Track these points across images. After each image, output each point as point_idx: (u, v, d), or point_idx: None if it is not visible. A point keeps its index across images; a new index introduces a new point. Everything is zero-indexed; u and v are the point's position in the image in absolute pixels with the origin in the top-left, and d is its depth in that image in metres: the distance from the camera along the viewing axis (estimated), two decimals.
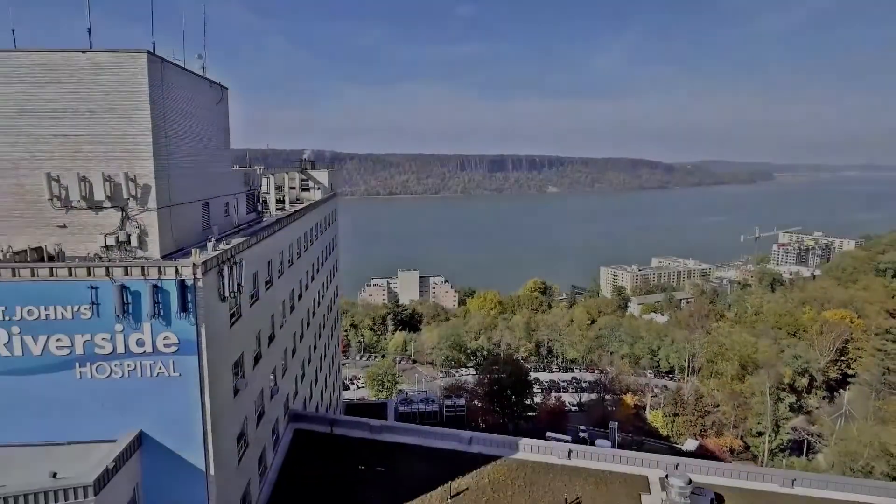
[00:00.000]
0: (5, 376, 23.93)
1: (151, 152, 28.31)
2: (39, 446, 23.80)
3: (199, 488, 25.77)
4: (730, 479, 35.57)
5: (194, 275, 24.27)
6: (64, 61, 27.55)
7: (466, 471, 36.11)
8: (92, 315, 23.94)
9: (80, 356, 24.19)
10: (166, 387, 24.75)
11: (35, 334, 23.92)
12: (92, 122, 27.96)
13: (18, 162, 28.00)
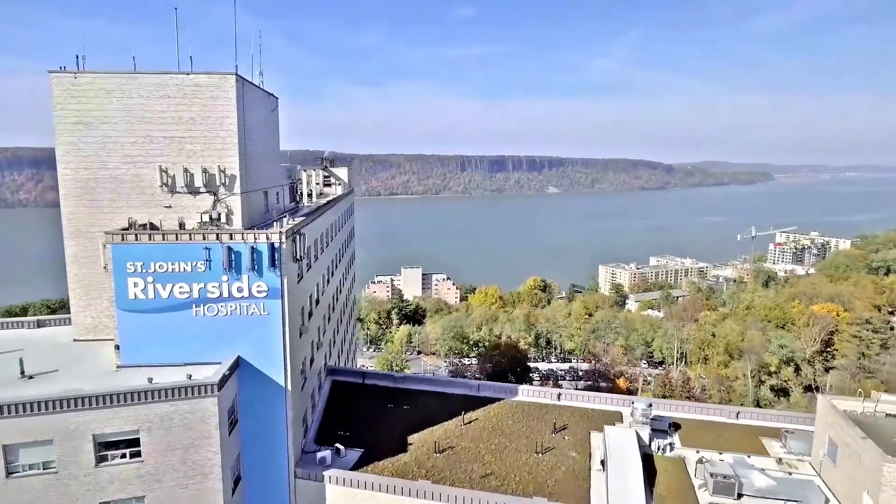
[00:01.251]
0: (143, 314, 32.70)
1: (237, 150, 37.18)
2: (166, 366, 32.46)
3: (280, 401, 34.54)
4: (687, 413, 44.29)
5: (280, 240, 33.05)
6: (172, 81, 36.39)
7: (476, 408, 44.74)
8: (205, 269, 32.70)
9: (195, 299, 32.96)
10: (258, 323, 33.52)
11: (164, 283, 32.69)
12: (192, 127, 36.80)
13: (137, 157, 36.88)
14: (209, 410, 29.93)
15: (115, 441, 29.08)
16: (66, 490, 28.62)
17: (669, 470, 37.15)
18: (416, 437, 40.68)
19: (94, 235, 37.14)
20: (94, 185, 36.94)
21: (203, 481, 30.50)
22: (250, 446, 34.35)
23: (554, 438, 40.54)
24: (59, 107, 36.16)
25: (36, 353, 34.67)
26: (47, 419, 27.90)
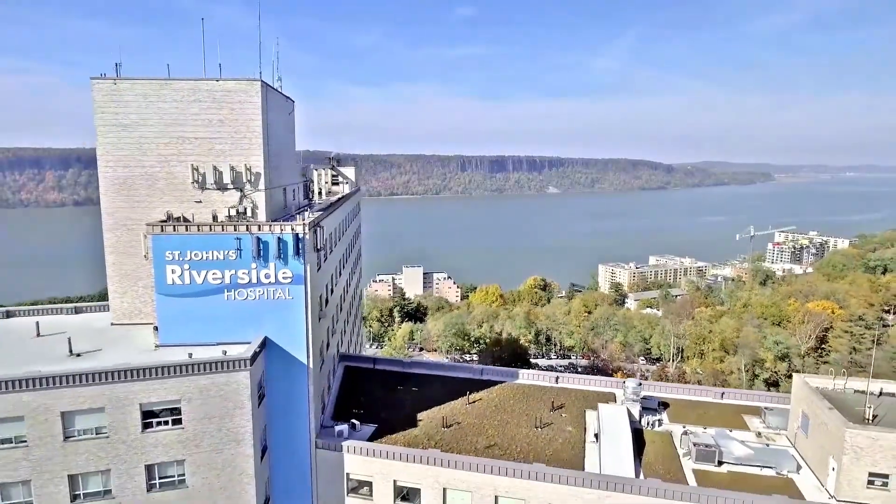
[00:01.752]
0: (179, 298, 36.13)
1: (261, 150, 40.69)
2: (201, 346, 35.87)
3: (302, 378, 37.98)
4: (675, 394, 47.69)
5: (304, 231, 36.50)
6: (204, 87, 39.87)
7: (479, 390, 48.11)
8: (236, 257, 36.14)
9: (227, 284, 36.40)
10: (283, 306, 36.96)
11: (198, 269, 36.13)
12: (221, 128, 40.30)
13: (170, 156, 40.38)
14: (242, 383, 33.38)
15: (159, 409, 32.52)
16: (115, 453, 32.08)
17: (657, 442, 40.58)
18: (425, 415, 44.13)
19: (131, 228, 40.68)
20: (132, 181, 40.46)
21: (236, 447, 33.96)
22: (276, 418, 37.81)
23: (552, 415, 43.98)
24: (100, 110, 39.65)
25: (78, 335, 38.01)
26: (100, 389, 31.35)
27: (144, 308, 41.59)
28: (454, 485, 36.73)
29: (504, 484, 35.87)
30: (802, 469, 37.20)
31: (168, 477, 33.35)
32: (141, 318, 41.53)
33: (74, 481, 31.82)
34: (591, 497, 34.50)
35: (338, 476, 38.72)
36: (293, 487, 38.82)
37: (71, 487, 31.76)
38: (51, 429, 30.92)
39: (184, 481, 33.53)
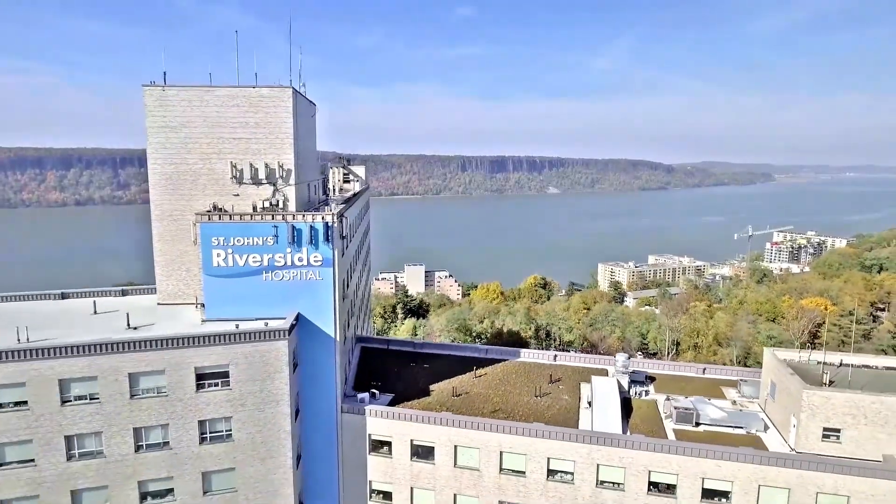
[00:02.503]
0: (223, 279, 41.25)
1: (292, 150, 45.84)
2: (242, 321, 40.94)
3: (330, 350, 43.09)
4: (662, 370, 52.80)
5: (333, 220, 41.63)
6: (241, 93, 45.02)
7: (485, 366, 53.21)
8: (274, 243, 41.26)
9: (265, 267, 41.52)
10: (314, 286, 42.07)
11: (240, 253, 41.26)
12: (257, 130, 45.43)
13: (211, 154, 45.52)
14: (281, 350, 38.53)
15: (211, 373, 37.67)
16: (173, 410, 37.23)
17: (643, 408, 45.71)
18: (436, 386, 49.27)
19: (176, 219, 45.85)
20: (177, 177, 45.64)
21: (276, 407, 39.10)
22: (306, 385, 42.93)
23: (550, 387, 49.12)
24: (150, 114, 44.82)
25: (131, 313, 43.07)
26: (161, 354, 36.51)
27: (187, 289, 46.72)
28: (464, 442, 41.85)
29: (508, 441, 40.99)
30: (770, 429, 42.30)
31: (217, 431, 38.52)
32: (184, 299, 46.64)
33: (138, 433, 37.00)
34: (584, 451, 39.63)
35: (361, 437, 43.85)
36: (321, 447, 43.96)
37: (135, 439, 36.95)
38: (120, 388, 36.08)
39: (230, 435, 38.70)
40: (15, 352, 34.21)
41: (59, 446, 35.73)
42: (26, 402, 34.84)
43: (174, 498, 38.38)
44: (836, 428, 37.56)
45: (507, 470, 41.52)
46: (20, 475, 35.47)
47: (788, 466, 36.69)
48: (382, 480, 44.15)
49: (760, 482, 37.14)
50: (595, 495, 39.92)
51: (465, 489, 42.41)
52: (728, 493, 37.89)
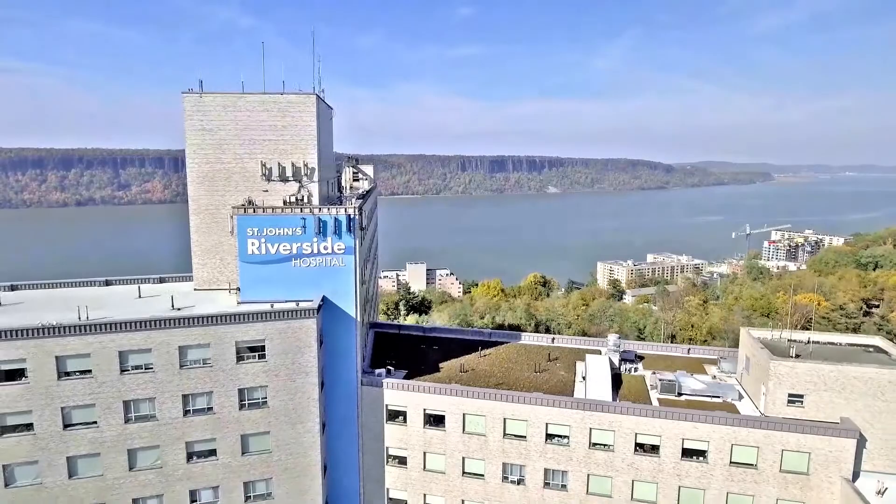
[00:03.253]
0: (257, 265, 46.29)
1: (315, 150, 50.94)
2: (273, 302, 45.97)
3: (351, 328, 48.17)
4: (651, 350, 57.92)
5: (355, 213, 46.71)
6: (270, 99, 50.10)
7: (489, 347, 58.31)
8: (302, 233, 46.32)
9: (294, 254, 46.57)
10: (337, 272, 47.14)
11: (272, 242, 46.31)
12: (284, 132, 50.52)
13: (243, 155, 50.62)
14: (310, 327, 43.61)
15: (249, 346, 42.75)
16: (217, 379, 42.32)
17: (632, 382, 50.82)
18: (445, 364, 54.39)
19: (211, 212, 50.94)
20: (212, 175, 50.74)
21: (305, 377, 44.18)
22: (330, 360, 47.99)
23: (548, 364, 54.24)
24: (188, 118, 49.91)
25: (173, 296, 48.09)
26: (206, 330, 41.61)
27: (220, 276, 51.84)
28: (471, 411, 46.93)
29: (510, 409, 46.08)
30: (744, 399, 47.41)
31: (254, 399, 43.62)
32: (218, 285, 51.77)
33: (186, 399, 42.09)
34: (577, 416, 44.72)
35: (378, 407, 48.93)
36: (343, 415, 49.02)
37: (184, 404, 42.06)
38: (171, 359, 41.17)
39: (266, 402, 43.79)
40: (81, 326, 39.31)
41: (118, 410, 40.82)
42: (90, 371, 39.93)
43: (216, 458, 43.48)
44: (799, 394, 42.63)
45: (510, 435, 46.60)
46: (84, 435, 40.56)
47: (757, 427, 41.80)
48: (398, 446, 49.25)
49: (733, 441, 42.23)
50: (588, 456, 45.02)
51: (473, 453, 47.51)
52: (705, 452, 42.99)
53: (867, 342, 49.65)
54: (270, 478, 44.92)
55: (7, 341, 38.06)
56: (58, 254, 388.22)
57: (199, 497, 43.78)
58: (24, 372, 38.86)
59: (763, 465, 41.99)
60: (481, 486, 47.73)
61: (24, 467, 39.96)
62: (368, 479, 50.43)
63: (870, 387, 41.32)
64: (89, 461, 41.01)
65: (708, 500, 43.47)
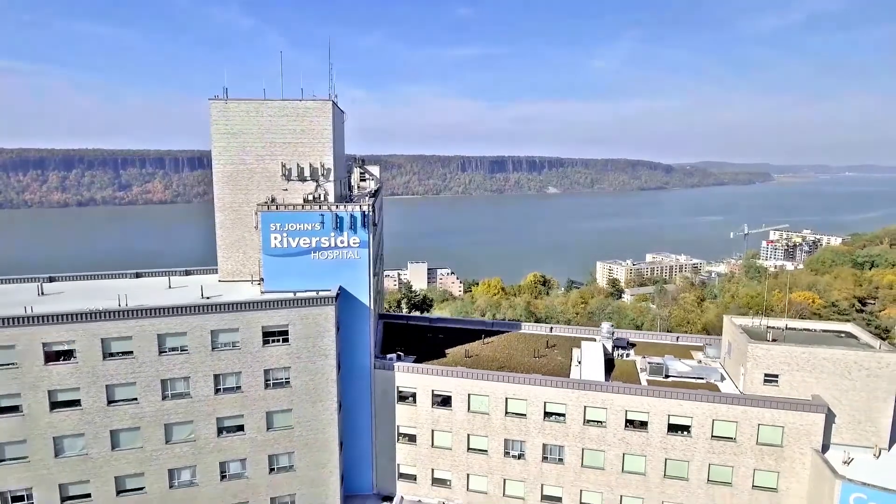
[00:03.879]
0: (279, 257, 50.49)
1: (331, 152, 55.15)
2: (295, 292, 50.13)
3: (365, 317, 52.39)
4: (642, 338, 62.17)
5: (369, 210, 50.93)
6: (290, 105, 54.33)
7: (491, 335, 62.52)
8: (320, 228, 50.52)
9: (313, 248, 50.77)
10: (353, 264, 51.35)
11: (293, 236, 50.51)
12: (303, 135, 54.74)
13: (265, 156, 54.84)
14: (329, 314, 47.82)
15: (274, 331, 46.96)
16: (244, 360, 46.53)
17: (623, 366, 55.05)
18: (451, 350, 58.61)
19: (235, 209, 55.16)
20: (236, 175, 54.95)
21: (324, 360, 48.39)
22: (346, 345, 52.18)
23: (547, 350, 58.46)
24: (215, 122, 54.14)
25: (198, 288, 52.28)
26: (235, 315, 45.83)
27: (243, 269, 56.04)
28: (476, 391, 51.14)
29: (511, 389, 50.29)
30: (725, 380, 51.64)
31: (278, 379, 47.83)
32: (241, 277, 55.96)
33: (217, 379, 46.31)
34: (573, 395, 48.93)
35: (390, 389, 53.15)
36: (358, 396, 53.25)
37: (215, 383, 46.27)
38: (204, 341, 45.39)
39: (289, 382, 48.00)
40: (125, 312, 43.52)
41: (156, 388, 45.04)
42: (132, 353, 44.15)
43: (244, 432, 47.70)
44: (774, 374, 46.82)
45: (511, 413, 50.82)
46: (126, 410, 44.77)
47: (736, 404, 46.03)
48: (408, 425, 53.46)
49: (714, 417, 46.44)
50: (582, 431, 49.23)
51: (477, 430, 51.72)
52: (689, 427, 47.21)
53: (839, 328, 53.90)
54: (292, 451, 49.16)
55: (59, 325, 42.30)
56: (71, 251, 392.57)
57: (229, 468, 48.03)
58: (73, 353, 43.07)
59: (741, 439, 46.22)
60: (485, 460, 51.96)
61: (72, 439, 44.19)
62: (380, 456, 54.65)
63: (838, 367, 45.50)
64: (130, 434, 45.22)
65: (692, 471, 47.71)
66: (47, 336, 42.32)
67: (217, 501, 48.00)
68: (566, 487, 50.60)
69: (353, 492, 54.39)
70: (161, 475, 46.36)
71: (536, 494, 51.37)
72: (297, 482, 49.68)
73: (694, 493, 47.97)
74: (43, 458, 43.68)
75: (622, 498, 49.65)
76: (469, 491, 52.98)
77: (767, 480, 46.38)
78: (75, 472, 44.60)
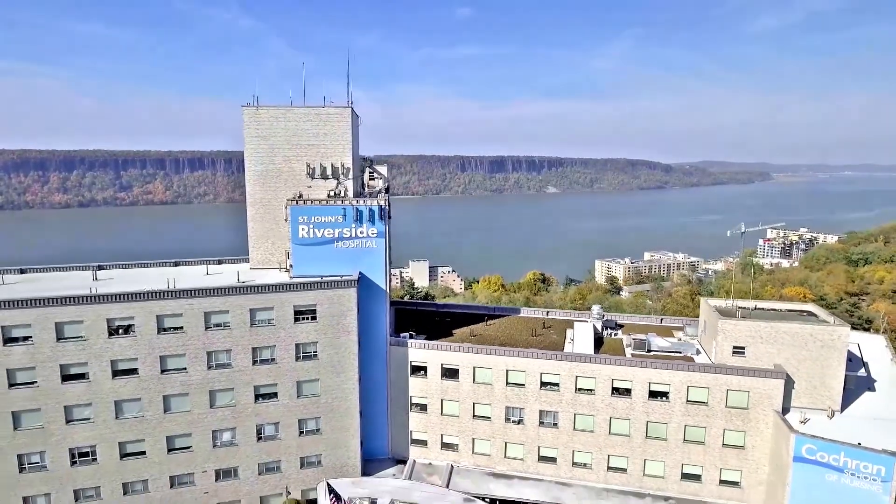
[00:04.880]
0: (306, 246, 57.14)
1: (350, 153, 61.86)
2: (320, 277, 56.74)
3: (381, 299, 59.09)
4: (630, 320, 68.91)
5: (385, 204, 57.62)
6: (314, 111, 61.03)
7: (493, 318, 69.26)
8: (343, 220, 57.21)
9: (336, 238, 57.45)
10: (371, 252, 58.04)
11: (318, 228, 57.18)
12: (326, 138, 61.43)
13: (291, 157, 61.55)
14: (352, 295, 54.55)
15: (304, 310, 53.66)
16: (278, 335, 53.24)
17: (611, 343, 61.79)
18: (457, 331, 65.34)
19: (264, 204, 61.81)
20: (266, 173, 61.62)
21: (347, 336, 55.11)
22: (364, 324, 58.78)
23: (543, 330, 65.21)
24: (247, 126, 60.82)
25: (233, 275, 58.86)
26: (272, 296, 52.55)
27: (272, 257, 62.71)
28: (480, 365, 57.82)
29: (512, 362, 57.00)
30: (701, 354, 58.35)
31: (307, 352, 54.54)
32: (269, 265, 62.60)
33: (255, 352, 53.03)
34: (566, 367, 55.63)
35: (404, 363, 59.84)
36: (375, 369, 59.92)
37: (253, 356, 52.98)
38: (244, 319, 52.10)
39: (316, 355, 54.72)
40: (177, 292, 50.26)
41: (202, 359, 51.75)
42: (182, 328, 50.86)
43: (277, 399, 54.42)
44: (742, 346, 53.50)
45: (511, 384, 57.51)
46: (176, 379, 51.48)
47: (707, 372, 52.74)
48: (419, 395, 60.15)
49: (689, 384, 53.16)
50: (574, 398, 55.95)
51: (481, 399, 58.41)
52: (667, 393, 53.93)
53: (802, 308, 60.66)
54: (319, 417, 55.88)
55: (121, 303, 49.02)
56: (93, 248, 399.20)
57: (264, 431, 54.77)
58: (132, 328, 49.79)
59: (712, 403, 52.94)
60: (488, 426, 58.65)
61: (130, 403, 50.90)
62: (395, 424, 61.36)
63: (796, 339, 52.19)
64: (180, 399, 51.94)
65: (670, 432, 54.43)
66: (110, 313, 49.06)
67: (254, 459, 54.76)
68: (560, 449, 57.31)
69: (371, 456, 61.04)
70: (206, 435, 53.10)
71: (534, 455, 58.08)
72: (322, 444, 56.41)
73: (672, 452, 54.69)
74: (105, 420, 50.41)
75: (609, 457, 56.38)
76: (474, 454, 59.68)
77: (735, 439, 53.12)
78: (132, 431, 51.32)
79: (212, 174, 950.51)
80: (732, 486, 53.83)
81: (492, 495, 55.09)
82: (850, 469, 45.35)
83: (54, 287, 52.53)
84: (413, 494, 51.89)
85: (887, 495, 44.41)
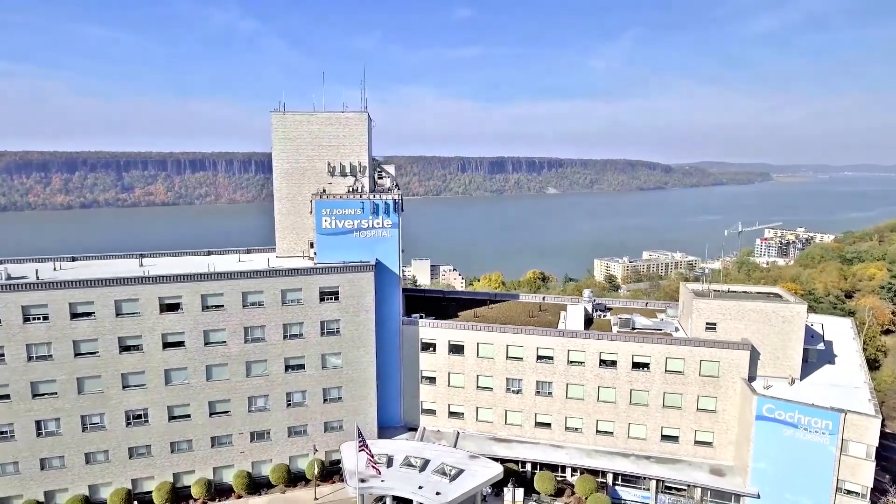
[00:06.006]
0: (329, 236, 64.40)
1: (367, 153, 69.22)
2: (343, 262, 63.91)
3: (395, 283, 66.39)
4: (618, 304, 76.20)
5: (398, 198, 64.93)
6: (334, 116, 68.41)
7: (495, 303, 76.54)
8: (361, 213, 64.51)
9: (355, 228, 64.75)
10: (386, 241, 65.34)
11: (339, 220, 64.49)
12: (345, 140, 68.78)
13: (314, 156, 68.91)
14: (370, 278, 61.86)
15: (329, 291, 60.96)
16: (306, 313, 60.55)
17: (600, 323, 69.11)
18: (462, 313, 72.67)
19: (291, 199, 69.11)
20: (291, 171, 68.95)
21: (366, 314, 62.40)
22: (380, 305, 65.96)
23: (539, 313, 72.54)
24: (275, 129, 68.18)
25: (264, 261, 66.05)
26: (300, 278, 59.89)
27: (296, 247, 69.99)
28: (483, 341, 65.09)
29: (511, 339, 64.27)
30: (679, 331, 65.61)
31: (331, 329, 61.82)
32: (294, 253, 69.88)
33: (285, 328, 60.35)
34: (559, 342, 62.90)
35: (415, 340, 67.12)
36: (389, 346, 67.17)
37: (283, 331, 60.27)
38: (276, 298, 59.42)
39: (339, 331, 62.02)
40: (218, 273, 57.57)
41: (240, 333, 59.05)
42: (223, 306, 58.17)
43: (305, 370, 61.70)
44: (713, 322, 60.75)
45: (511, 357, 64.78)
46: (218, 350, 58.79)
47: (683, 345, 60.01)
48: (429, 369, 67.41)
49: (667, 356, 60.43)
50: (567, 369, 63.21)
51: (484, 371, 65.67)
52: (648, 364, 61.18)
53: (770, 290, 67.92)
54: (341, 386, 63.15)
55: (170, 283, 56.34)
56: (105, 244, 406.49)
57: (293, 398, 62.04)
58: (180, 305, 57.10)
59: (688, 372, 60.17)
60: (490, 396, 65.91)
61: (178, 371, 58.20)
62: (406, 395, 68.62)
63: (761, 316, 59.44)
64: (220, 369, 59.23)
65: (651, 398, 61.66)
66: (161, 292, 56.39)
67: (284, 423, 62.04)
68: (554, 415, 64.55)
69: (386, 423, 68.24)
70: (242, 401, 60.39)
71: (531, 422, 65.32)
72: (344, 411, 63.67)
73: (653, 416, 61.91)
74: (156, 386, 57.71)
75: (598, 422, 63.62)
76: (478, 421, 66.92)
77: (708, 404, 60.35)
78: (179, 397, 58.62)
79: (213, 175, 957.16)
80: (706, 446, 61.04)
81: (494, 456, 62.32)
82: (803, 425, 52.58)
83: (106, 272, 59.85)
84: (424, 452, 59.01)
85: (833, 446, 51.65)
